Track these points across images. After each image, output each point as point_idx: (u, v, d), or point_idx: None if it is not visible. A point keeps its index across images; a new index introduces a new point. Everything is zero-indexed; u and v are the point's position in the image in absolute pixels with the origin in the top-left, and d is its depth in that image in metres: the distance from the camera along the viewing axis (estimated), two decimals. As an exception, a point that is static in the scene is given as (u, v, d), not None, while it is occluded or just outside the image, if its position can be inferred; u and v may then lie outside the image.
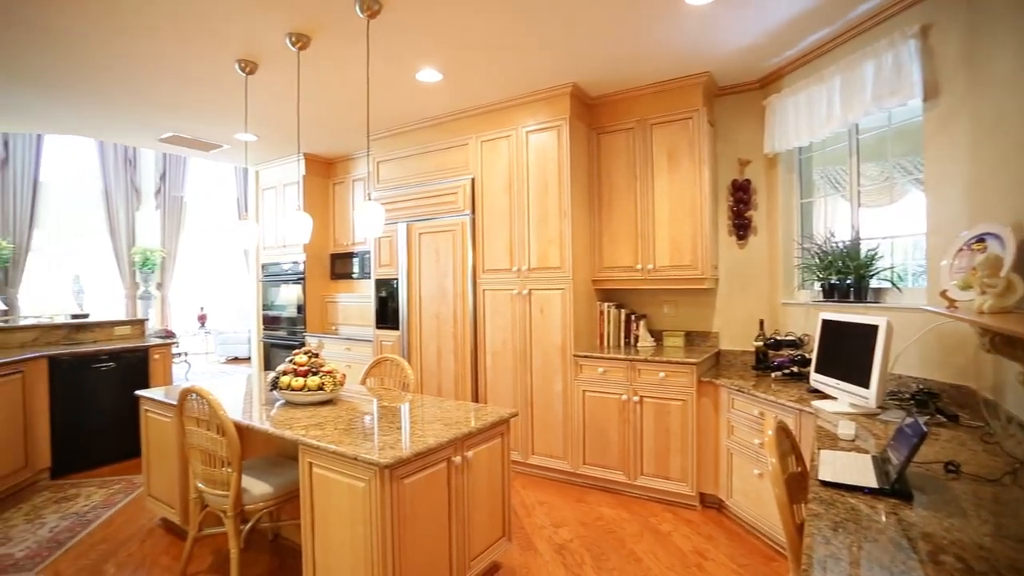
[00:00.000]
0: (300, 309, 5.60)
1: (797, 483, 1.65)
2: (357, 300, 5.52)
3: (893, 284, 2.73)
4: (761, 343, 3.30)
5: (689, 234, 3.54)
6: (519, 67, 3.35)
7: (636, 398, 3.40)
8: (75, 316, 4.89)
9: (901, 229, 2.83)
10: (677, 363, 3.27)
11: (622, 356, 3.46)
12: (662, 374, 3.31)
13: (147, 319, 5.17)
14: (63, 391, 3.94)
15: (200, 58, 3.20)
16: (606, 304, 3.95)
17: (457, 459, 2.13)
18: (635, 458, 3.43)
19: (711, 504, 3.28)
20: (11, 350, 4.01)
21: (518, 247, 3.87)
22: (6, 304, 7.68)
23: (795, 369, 3.00)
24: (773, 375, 3.09)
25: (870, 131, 2.94)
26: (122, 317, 6.61)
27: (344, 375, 2.72)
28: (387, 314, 4.61)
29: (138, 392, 2.99)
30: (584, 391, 3.61)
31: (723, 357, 3.75)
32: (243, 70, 3.29)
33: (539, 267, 3.77)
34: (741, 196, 3.65)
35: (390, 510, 1.83)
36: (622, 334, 3.92)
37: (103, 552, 2.80)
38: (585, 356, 3.60)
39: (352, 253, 5.51)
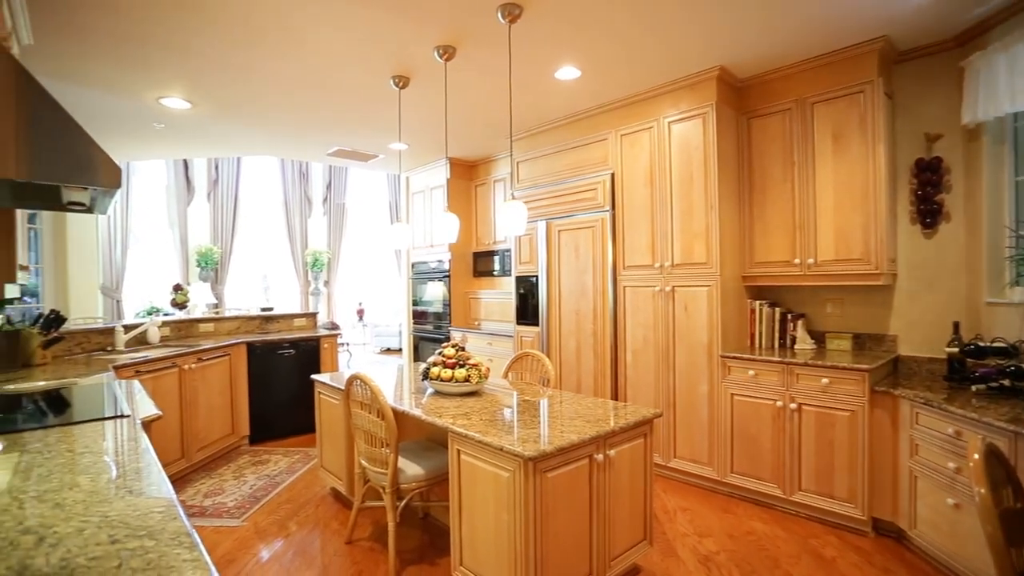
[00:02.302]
0: (446, 305, 5.98)
1: (1015, 521, 1.36)
2: (498, 296, 5.74)
3: None
4: (956, 349, 2.80)
5: (859, 224, 3.12)
6: (660, 56, 3.21)
7: (793, 405, 3.09)
8: (264, 309, 5.75)
9: None
10: (844, 369, 2.90)
11: (776, 359, 3.16)
12: (825, 380, 2.97)
13: (317, 312, 5.89)
14: (256, 372, 4.66)
15: (361, 78, 3.55)
16: (757, 302, 3.64)
17: (599, 457, 2.11)
18: (792, 471, 3.11)
19: (887, 532, 2.86)
20: (221, 336, 4.84)
21: (660, 242, 3.72)
22: (216, 298, 9.29)
23: (1005, 382, 2.49)
24: (974, 388, 2.60)
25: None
26: (298, 311, 7.66)
27: (488, 368, 2.84)
28: (527, 310, 4.73)
29: (313, 376, 3.42)
30: (732, 394, 3.36)
31: (902, 364, 3.24)
32: (397, 85, 3.59)
33: (683, 263, 3.59)
34: (928, 177, 3.12)
35: (533, 501, 1.87)
36: (776, 335, 3.59)
37: (288, 511, 3.26)
38: (734, 357, 3.35)
39: (493, 251, 5.75)
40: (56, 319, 3.34)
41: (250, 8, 2.65)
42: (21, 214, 2.51)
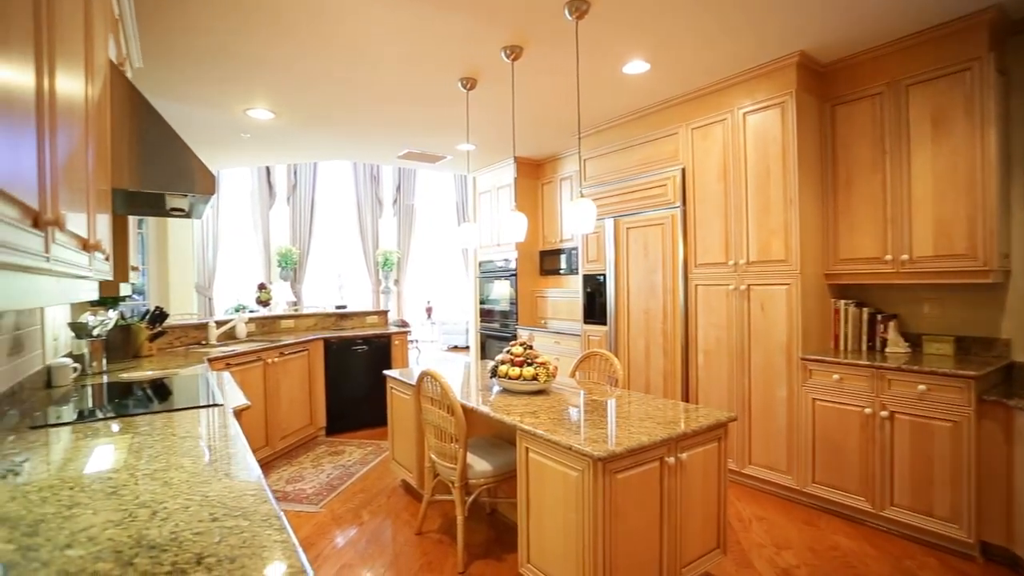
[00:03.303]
0: (512, 303, 6.03)
1: None
2: (565, 295, 5.72)
3: None
4: (1084, 356, 2.49)
5: (963, 215, 2.84)
6: (734, 43, 3.07)
7: (884, 413, 2.86)
8: (338, 307, 6.04)
9: None
10: (946, 375, 2.65)
11: (864, 362, 2.94)
12: (922, 387, 2.72)
13: (388, 310, 6.11)
14: (332, 366, 4.89)
15: (430, 81, 3.64)
16: (842, 301, 3.40)
17: (671, 460, 2.05)
18: (883, 484, 2.88)
19: (999, 558, 2.59)
20: (300, 332, 5.13)
21: (735, 239, 3.56)
22: (295, 296, 9.85)
23: None
24: (1106, 400, 2.30)
25: None
26: (369, 308, 7.99)
27: (556, 367, 2.83)
28: (594, 309, 4.68)
29: (386, 372, 3.54)
30: (814, 399, 3.16)
31: (1017, 371, 2.92)
32: (464, 86, 3.66)
33: (759, 260, 3.42)
34: (1049, 162, 2.79)
35: (602, 502, 1.85)
36: (863, 336, 3.34)
37: (361, 500, 3.40)
38: (816, 360, 3.15)
39: (560, 250, 5.73)
40: (160, 315, 3.66)
41: (325, 18, 2.79)
42: (132, 220, 2.77)
